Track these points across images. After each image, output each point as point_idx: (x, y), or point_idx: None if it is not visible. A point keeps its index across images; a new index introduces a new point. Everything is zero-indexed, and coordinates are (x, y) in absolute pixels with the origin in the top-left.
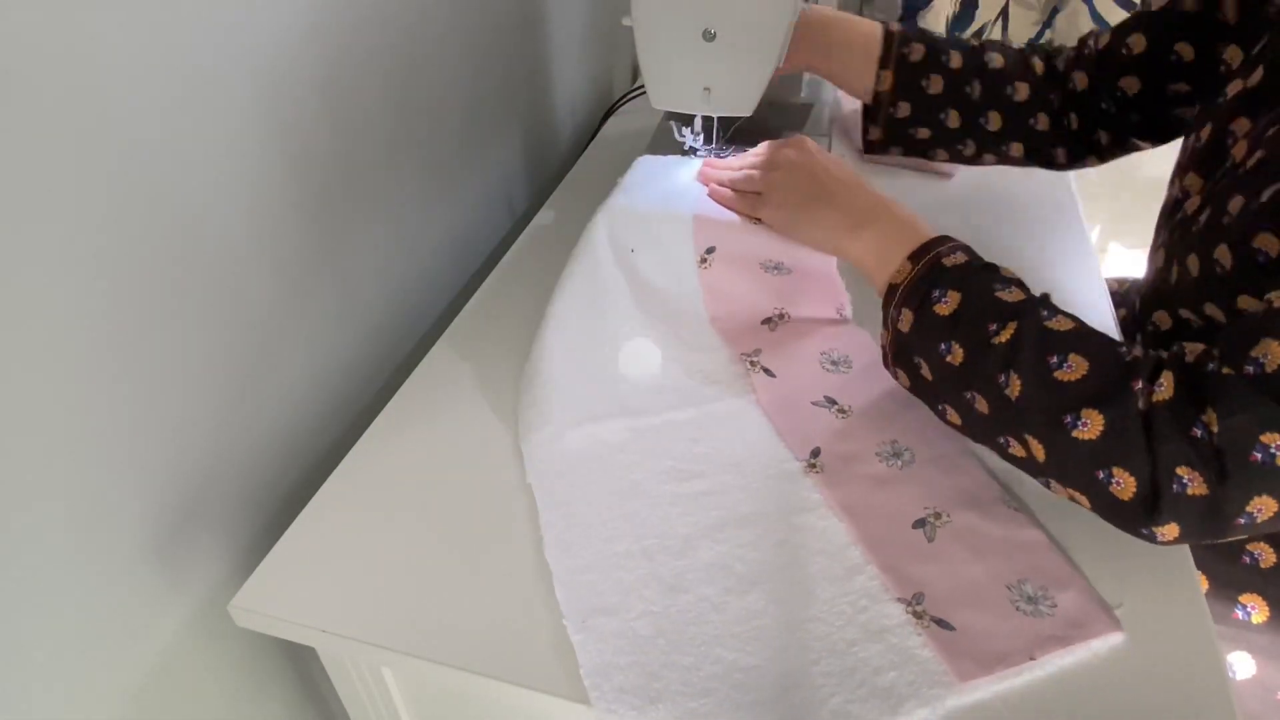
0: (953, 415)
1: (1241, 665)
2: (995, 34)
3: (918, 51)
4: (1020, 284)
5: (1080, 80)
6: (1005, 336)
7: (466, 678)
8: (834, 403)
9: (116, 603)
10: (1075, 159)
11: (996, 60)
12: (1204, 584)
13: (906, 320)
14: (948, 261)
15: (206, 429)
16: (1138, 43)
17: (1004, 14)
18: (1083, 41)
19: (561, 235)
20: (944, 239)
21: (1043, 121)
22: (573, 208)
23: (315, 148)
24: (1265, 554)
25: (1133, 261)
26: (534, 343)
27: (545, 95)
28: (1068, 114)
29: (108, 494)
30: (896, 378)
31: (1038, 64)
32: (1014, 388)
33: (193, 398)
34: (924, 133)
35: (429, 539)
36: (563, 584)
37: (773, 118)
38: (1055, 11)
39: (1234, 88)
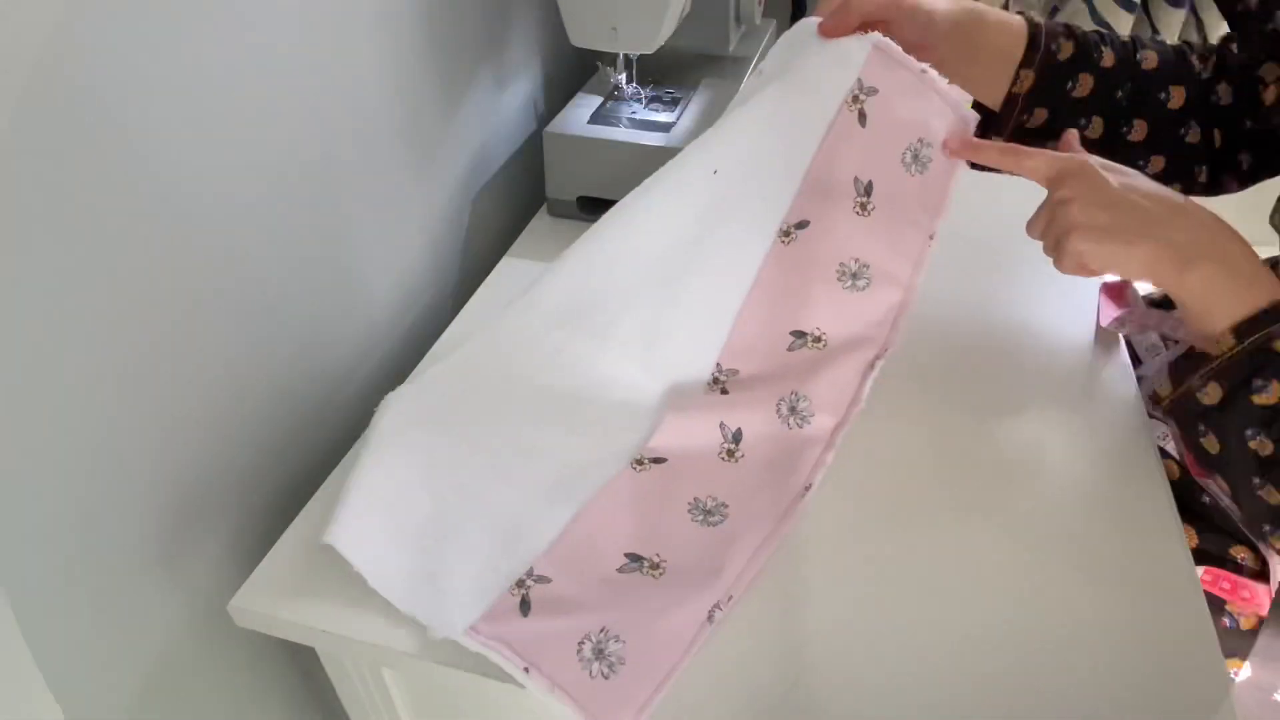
0: (1220, 483)
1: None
2: None
3: (1067, 49)
4: None
5: (1224, 93)
6: None
7: (466, 678)
8: (739, 441)
9: (116, 602)
10: (1214, 182)
11: (1150, 60)
12: None
13: (1213, 394)
14: (1278, 347)
15: (206, 429)
16: None
17: None
18: (1224, 44)
19: (560, 233)
20: (1275, 312)
21: (1194, 133)
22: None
23: (317, 144)
24: (1248, 558)
25: None
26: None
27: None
28: (1213, 130)
29: (108, 494)
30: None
31: (1196, 63)
32: None
33: (192, 397)
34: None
35: None
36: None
37: (701, 70)
38: (1055, 11)
39: None
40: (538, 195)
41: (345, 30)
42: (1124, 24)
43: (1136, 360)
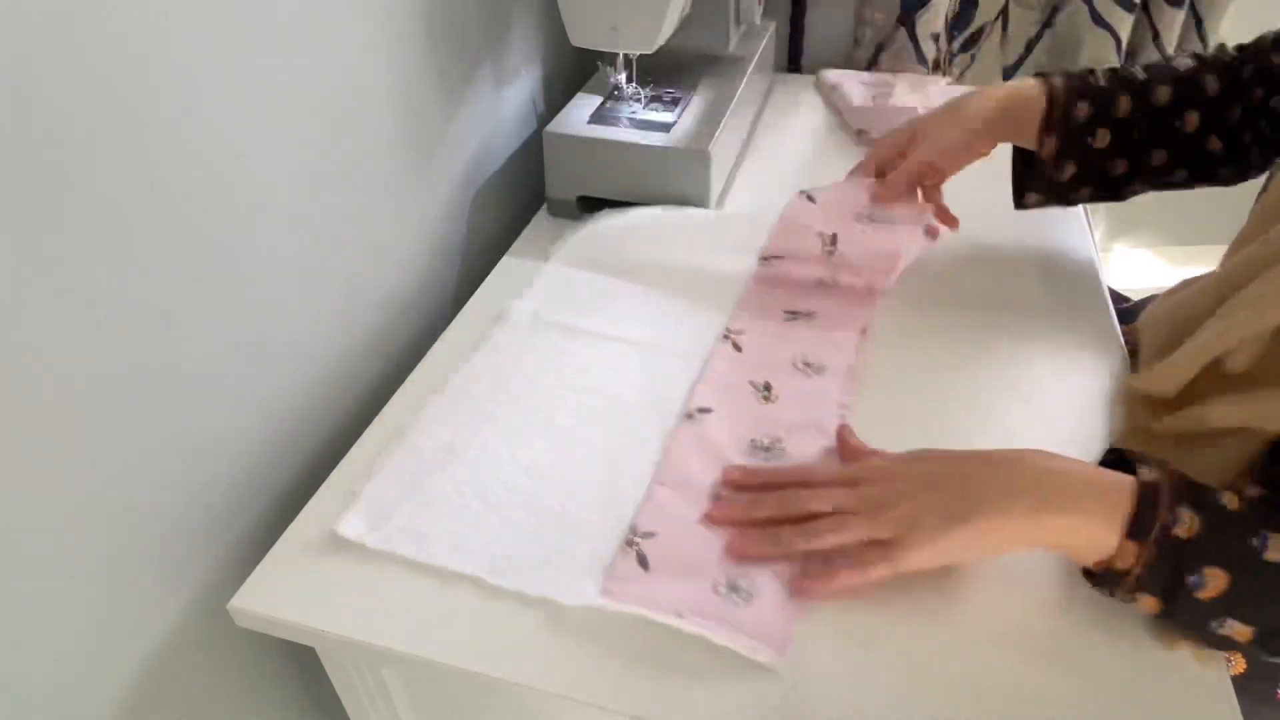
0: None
1: None
2: (995, 34)
3: (1083, 111)
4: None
5: (1257, 95)
6: None
7: (466, 678)
8: (768, 390)
9: (116, 602)
10: (1239, 175)
11: (1163, 95)
12: None
13: (1149, 605)
14: (1182, 532)
15: (207, 429)
16: None
17: (1003, 14)
18: (1271, 48)
19: (560, 233)
20: (1151, 493)
21: (1215, 143)
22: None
23: (316, 144)
24: None
25: (1135, 264)
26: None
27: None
28: (1244, 131)
29: (108, 495)
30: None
31: (1211, 84)
32: None
33: (192, 397)
34: (1086, 191)
35: None
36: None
37: (701, 70)
38: (1055, 11)
39: None
40: (538, 195)
41: (345, 30)
42: (1124, 24)
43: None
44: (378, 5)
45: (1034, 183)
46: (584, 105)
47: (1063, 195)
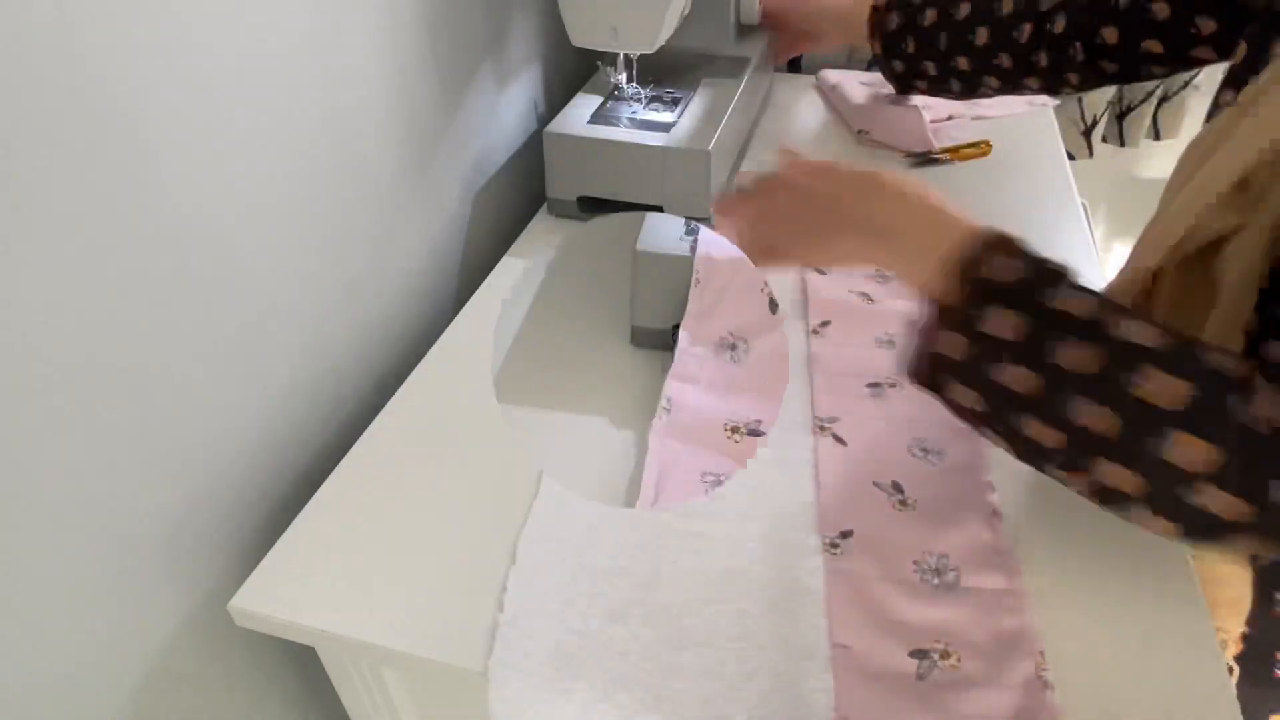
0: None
1: None
2: None
3: (895, 20)
4: (1085, 289)
5: (1058, 24)
6: (1084, 366)
7: (466, 677)
8: (900, 491)
9: (117, 602)
10: (1050, 88)
11: (963, 11)
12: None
13: (956, 346)
14: (990, 274)
15: (208, 429)
16: None
17: None
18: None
19: (560, 233)
20: (983, 239)
21: (1005, 60)
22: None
23: (317, 144)
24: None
25: None
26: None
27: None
28: (1035, 52)
29: (108, 494)
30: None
31: (1007, 4)
32: (1094, 419)
33: (193, 398)
34: (923, 86)
35: (429, 538)
36: (520, 575)
37: (701, 70)
38: None
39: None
40: (538, 195)
41: (347, 31)
42: None
43: None
44: (379, 6)
45: (889, 74)
46: (584, 105)
47: (908, 88)
